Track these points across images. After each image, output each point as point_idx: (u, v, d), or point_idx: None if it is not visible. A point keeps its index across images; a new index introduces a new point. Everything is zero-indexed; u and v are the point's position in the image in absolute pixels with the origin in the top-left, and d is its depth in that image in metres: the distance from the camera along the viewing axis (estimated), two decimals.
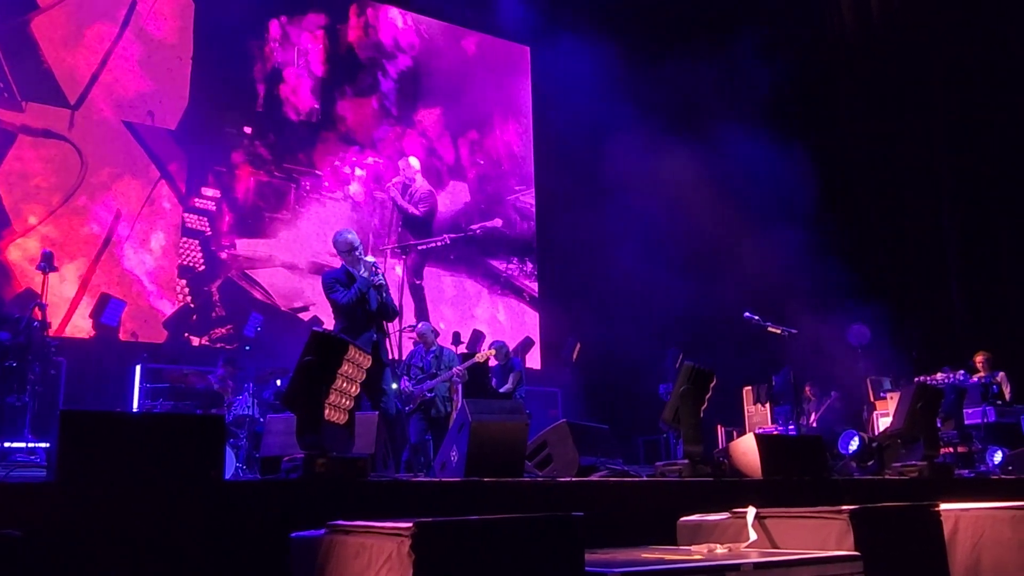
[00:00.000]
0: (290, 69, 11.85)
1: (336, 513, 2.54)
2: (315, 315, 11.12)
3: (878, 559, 2.74)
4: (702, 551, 2.75)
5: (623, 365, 11.61)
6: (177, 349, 10.12)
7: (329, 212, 11.76)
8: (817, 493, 4.48)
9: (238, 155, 11.22)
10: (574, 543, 2.26)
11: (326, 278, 6.35)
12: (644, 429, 11.43)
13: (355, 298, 6.09)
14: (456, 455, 4.09)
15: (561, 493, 3.84)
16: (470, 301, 12.88)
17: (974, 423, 9.17)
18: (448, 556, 2.07)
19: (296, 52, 11.97)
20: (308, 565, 2.42)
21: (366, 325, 6.15)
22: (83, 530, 2.66)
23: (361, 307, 6.14)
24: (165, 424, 3.25)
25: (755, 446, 4.77)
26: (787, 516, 3.00)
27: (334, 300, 6.19)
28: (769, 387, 10.89)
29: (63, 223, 9.89)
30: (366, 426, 4.27)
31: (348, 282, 6.19)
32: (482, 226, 13.22)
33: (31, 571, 2.46)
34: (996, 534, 3.40)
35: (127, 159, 10.41)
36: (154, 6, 10.97)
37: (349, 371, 3.42)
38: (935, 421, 5.89)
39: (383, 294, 6.22)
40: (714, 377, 4.72)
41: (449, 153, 13.14)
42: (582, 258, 12.95)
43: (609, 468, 4.60)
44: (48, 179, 9.90)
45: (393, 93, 12.71)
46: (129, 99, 10.55)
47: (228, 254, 10.90)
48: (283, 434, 4.40)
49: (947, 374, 9.39)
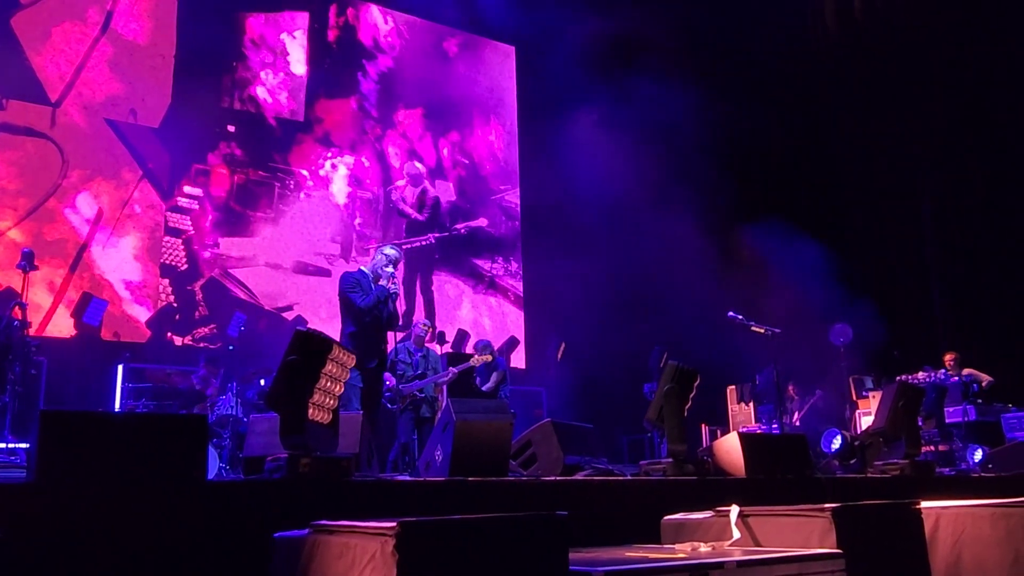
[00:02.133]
0: (272, 68, 11.79)
1: (320, 513, 2.54)
2: (299, 314, 11.08)
3: (860, 557, 2.76)
4: (686, 549, 2.75)
5: (608, 364, 11.64)
6: (160, 349, 10.05)
7: (312, 211, 11.72)
8: (800, 491, 4.50)
9: (221, 154, 11.16)
10: (559, 542, 2.26)
11: (346, 277, 6.40)
12: (628, 428, 11.46)
13: (373, 302, 6.13)
14: (440, 454, 4.09)
15: (546, 492, 3.84)
16: (455, 301, 12.87)
17: (955, 421, 9.28)
18: (432, 556, 2.07)
19: (278, 52, 11.91)
20: (291, 565, 2.41)
21: (376, 333, 6.19)
22: (64, 531, 2.64)
23: (374, 314, 6.17)
24: (147, 424, 3.23)
25: (739, 445, 4.79)
26: (770, 514, 3.02)
27: (352, 300, 6.21)
28: (752, 386, 10.96)
29: (44, 221, 9.81)
30: (350, 426, 4.26)
31: (366, 286, 6.22)
32: (467, 225, 13.21)
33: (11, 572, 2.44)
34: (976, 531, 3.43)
35: (109, 157, 10.33)
36: (136, 4, 10.89)
37: (333, 370, 3.41)
38: (916, 420, 5.94)
39: (391, 303, 6.28)
40: (698, 376, 4.75)
41: (433, 153, 13.11)
42: (567, 258, 12.96)
43: (593, 467, 4.61)
44: (29, 177, 9.81)
45: (374, 94, 12.67)
46: (112, 97, 10.47)
47: (211, 253, 10.84)
48: (267, 434, 4.39)
49: (928, 373, 9.49)
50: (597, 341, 11.65)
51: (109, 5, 10.69)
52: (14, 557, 2.49)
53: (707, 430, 10.98)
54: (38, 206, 9.79)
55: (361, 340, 6.10)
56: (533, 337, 13.15)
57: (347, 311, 6.30)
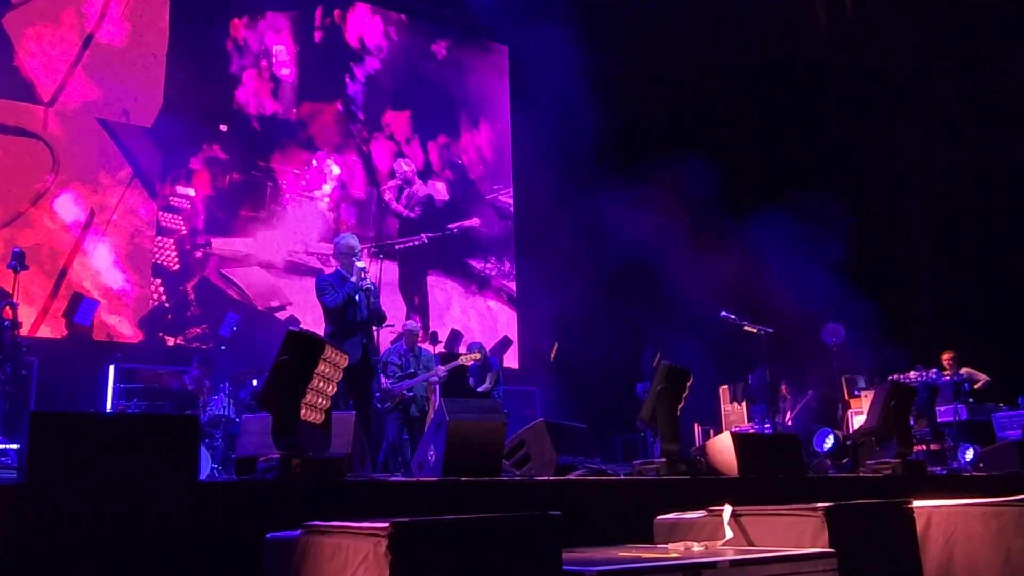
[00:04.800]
0: (262, 70, 11.77)
1: (312, 514, 2.53)
2: (292, 314, 11.06)
3: (852, 556, 2.76)
4: (679, 549, 2.75)
5: (601, 364, 11.64)
6: (152, 349, 10.02)
7: (305, 211, 11.70)
8: (792, 491, 4.51)
9: (213, 154, 11.13)
10: (551, 542, 2.26)
11: (320, 281, 6.43)
12: (621, 428, 11.47)
13: (342, 301, 6.15)
14: (433, 455, 4.08)
15: (538, 492, 3.84)
16: (447, 301, 12.86)
17: (946, 421, 9.30)
18: (425, 556, 2.07)
19: (269, 53, 11.89)
20: (283, 566, 2.40)
21: (355, 330, 6.20)
22: (55, 532, 2.63)
23: (350, 311, 6.18)
24: (138, 425, 3.21)
25: (731, 444, 4.79)
26: (763, 514, 3.02)
27: (324, 303, 6.24)
28: (745, 386, 10.97)
29: (35, 221, 9.77)
30: (343, 426, 4.25)
31: (339, 286, 6.23)
32: (460, 225, 13.20)
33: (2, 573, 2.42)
34: (968, 530, 3.44)
35: (101, 157, 10.30)
36: (129, 3, 10.85)
37: (325, 371, 3.40)
38: (908, 419, 5.95)
39: (371, 299, 6.27)
40: (691, 376, 4.75)
41: (427, 153, 13.10)
42: (560, 257, 12.96)
43: (587, 467, 4.61)
44: (20, 177, 9.77)
45: (360, 96, 12.63)
46: (104, 97, 10.44)
47: (203, 253, 10.81)
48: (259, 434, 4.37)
49: (920, 372, 9.51)
50: (590, 341, 11.66)
51: (101, 4, 10.66)
52: (5, 558, 2.48)
53: (700, 430, 11.00)
54: (29, 206, 9.75)
55: (337, 339, 6.12)
56: (526, 337, 13.15)
57: (326, 314, 6.35)
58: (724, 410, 11.30)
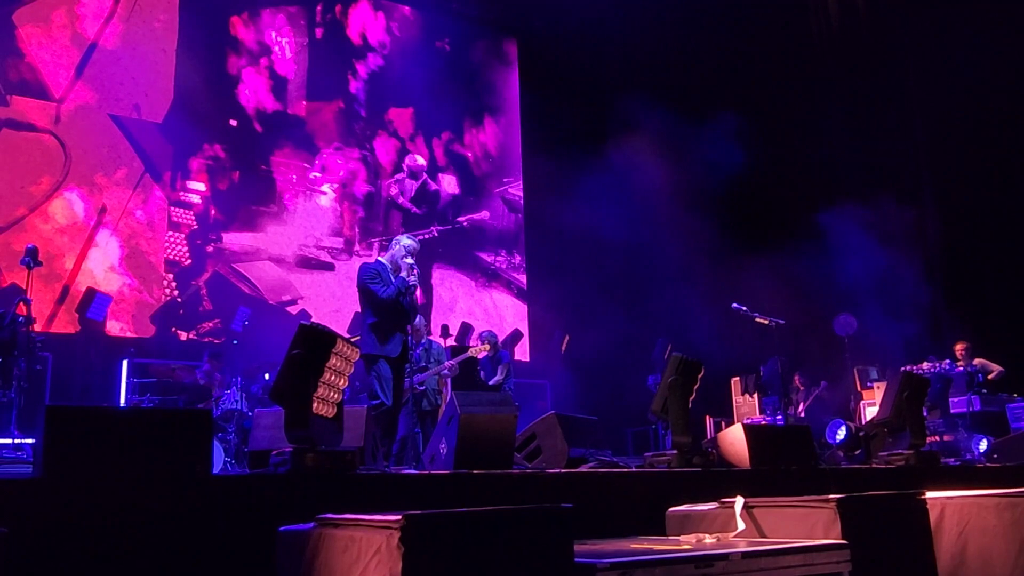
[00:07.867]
0: (270, 64, 11.77)
1: (325, 507, 2.54)
2: (303, 308, 11.09)
3: (865, 547, 2.76)
4: (691, 541, 2.76)
5: (612, 356, 11.63)
6: (164, 344, 10.06)
7: (315, 205, 11.72)
8: (805, 482, 4.50)
9: (224, 149, 11.16)
10: (563, 534, 2.26)
11: (366, 268, 6.42)
12: (633, 420, 11.46)
13: (393, 295, 6.16)
14: (445, 448, 4.10)
15: (550, 484, 3.84)
16: (457, 294, 12.86)
17: (960, 412, 9.25)
18: (437, 549, 2.07)
19: (278, 48, 11.89)
20: (296, 559, 2.42)
21: (399, 324, 6.23)
22: (69, 525, 2.65)
23: (397, 305, 6.20)
24: (152, 419, 3.23)
25: (743, 436, 4.79)
26: (775, 506, 3.02)
27: (372, 292, 6.23)
28: (757, 377, 10.94)
29: (48, 217, 9.82)
30: (355, 419, 4.27)
31: (386, 278, 6.24)
32: (470, 218, 13.20)
33: (17, 567, 2.44)
34: (981, 522, 3.43)
35: (112, 152, 10.34)
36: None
37: (337, 364, 3.41)
38: (921, 410, 5.92)
39: (411, 296, 6.31)
40: (702, 368, 4.73)
41: (436, 145, 13.09)
42: (571, 250, 12.94)
43: (598, 459, 4.62)
44: (33, 173, 9.82)
45: (362, 91, 12.61)
46: (115, 93, 10.47)
47: (215, 248, 10.84)
48: (271, 428, 4.40)
49: (933, 363, 9.47)
50: (601, 333, 11.64)
51: (112, 2, 10.68)
52: (21, 551, 2.50)
53: (711, 421, 10.97)
54: (41, 201, 9.80)
55: (383, 331, 6.16)
56: (537, 330, 13.14)
57: (368, 302, 6.32)
58: (736, 402, 11.27)
